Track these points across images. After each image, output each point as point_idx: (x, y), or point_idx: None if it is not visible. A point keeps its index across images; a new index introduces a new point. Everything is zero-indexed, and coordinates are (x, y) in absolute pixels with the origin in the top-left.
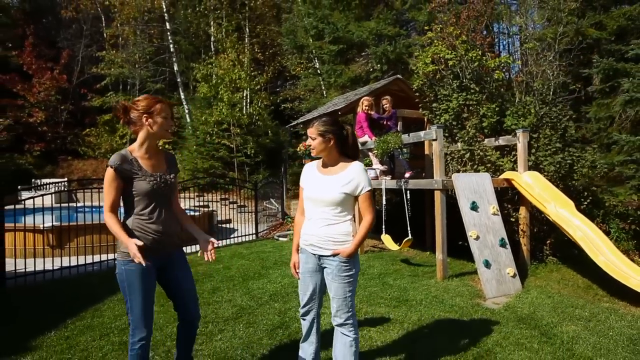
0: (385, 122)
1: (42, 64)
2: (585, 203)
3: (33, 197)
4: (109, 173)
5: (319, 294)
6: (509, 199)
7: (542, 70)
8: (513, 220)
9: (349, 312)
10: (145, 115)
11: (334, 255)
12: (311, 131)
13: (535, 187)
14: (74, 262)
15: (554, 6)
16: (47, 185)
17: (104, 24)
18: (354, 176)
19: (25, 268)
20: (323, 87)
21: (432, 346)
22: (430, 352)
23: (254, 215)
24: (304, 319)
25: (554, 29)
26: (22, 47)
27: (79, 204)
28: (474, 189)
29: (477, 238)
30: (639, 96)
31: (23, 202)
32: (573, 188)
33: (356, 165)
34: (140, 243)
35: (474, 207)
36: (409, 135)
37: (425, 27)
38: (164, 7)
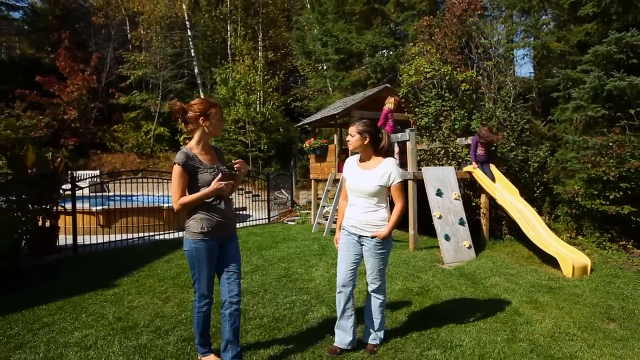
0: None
1: (75, 66)
2: (538, 192)
3: (91, 186)
4: (177, 169)
5: (357, 265)
6: (477, 188)
7: (503, 81)
8: (474, 205)
9: (381, 281)
10: (202, 117)
11: (373, 237)
12: (352, 129)
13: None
14: (121, 237)
15: (523, 23)
16: (86, 179)
17: (128, 27)
18: (386, 170)
19: (90, 241)
20: (330, 88)
21: (390, 287)
22: (388, 290)
23: (266, 203)
24: (341, 292)
25: (516, 45)
26: (57, 51)
27: (110, 194)
28: (439, 179)
29: (440, 217)
30: (583, 104)
31: (81, 189)
32: (528, 179)
33: (389, 161)
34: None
35: (439, 193)
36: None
37: (411, 44)
38: (186, 16)
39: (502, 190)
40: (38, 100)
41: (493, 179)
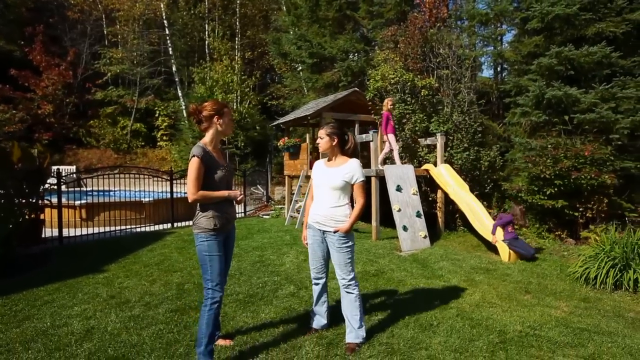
0: None
1: (51, 60)
2: (489, 188)
3: (74, 181)
4: (195, 162)
5: (326, 260)
6: (435, 184)
7: (459, 87)
8: (431, 199)
9: (350, 274)
10: (216, 116)
11: (335, 231)
12: (321, 132)
13: (444, 175)
14: (103, 230)
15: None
16: (64, 176)
17: (104, 23)
18: (351, 169)
19: (75, 233)
20: (305, 88)
21: None
22: None
23: None
24: (316, 284)
25: (476, 53)
26: (31, 45)
27: (88, 189)
28: (399, 176)
29: (399, 210)
30: (528, 110)
31: (65, 184)
32: (479, 176)
33: (353, 161)
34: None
35: (399, 188)
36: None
37: (378, 51)
38: (164, 14)
39: (455, 186)
40: (10, 95)
41: (532, 253)
